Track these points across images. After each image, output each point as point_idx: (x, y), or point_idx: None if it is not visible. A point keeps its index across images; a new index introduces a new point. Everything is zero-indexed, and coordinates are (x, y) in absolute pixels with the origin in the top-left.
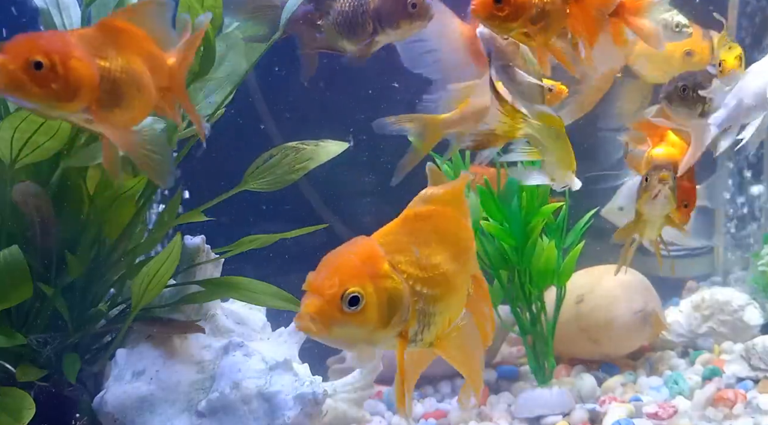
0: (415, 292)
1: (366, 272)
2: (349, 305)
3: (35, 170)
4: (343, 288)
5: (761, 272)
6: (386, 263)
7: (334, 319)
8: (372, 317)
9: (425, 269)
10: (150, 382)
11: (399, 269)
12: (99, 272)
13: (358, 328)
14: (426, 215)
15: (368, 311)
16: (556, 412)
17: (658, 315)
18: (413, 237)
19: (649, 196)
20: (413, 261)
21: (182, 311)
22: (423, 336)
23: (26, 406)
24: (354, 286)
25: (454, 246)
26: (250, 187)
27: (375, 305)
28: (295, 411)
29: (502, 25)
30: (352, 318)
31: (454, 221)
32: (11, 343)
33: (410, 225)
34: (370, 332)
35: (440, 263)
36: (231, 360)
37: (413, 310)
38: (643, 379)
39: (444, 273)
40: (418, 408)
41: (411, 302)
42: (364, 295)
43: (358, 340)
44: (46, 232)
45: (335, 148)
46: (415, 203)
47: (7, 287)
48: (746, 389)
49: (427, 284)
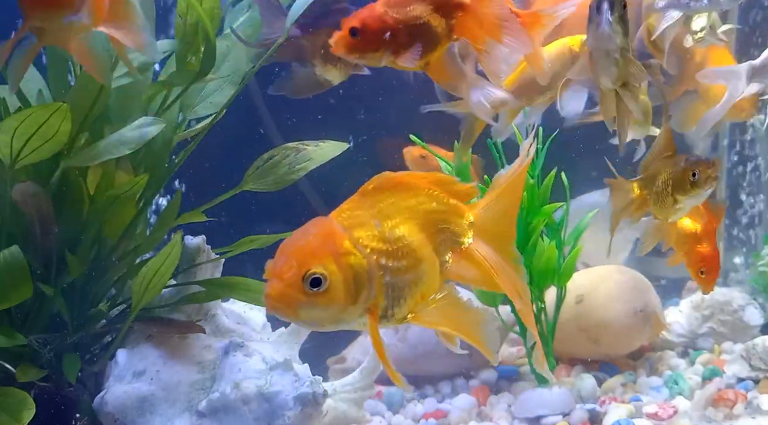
0: (380, 266)
1: (326, 251)
2: (312, 286)
3: (35, 170)
4: (304, 269)
5: (761, 272)
6: (346, 239)
7: (299, 301)
8: (338, 295)
9: (389, 241)
10: (150, 382)
11: (361, 245)
12: (99, 272)
13: (326, 308)
14: (386, 187)
15: (333, 289)
16: (556, 412)
17: (658, 315)
18: (373, 210)
19: (697, 190)
20: (375, 235)
21: (183, 312)
22: (394, 311)
23: (26, 406)
24: (315, 266)
25: (420, 216)
26: (250, 187)
27: (340, 283)
28: (296, 411)
29: (365, 56)
30: (318, 298)
31: (420, 190)
32: (11, 343)
33: (369, 199)
34: (339, 310)
35: (405, 235)
36: (231, 360)
37: (380, 285)
38: (643, 379)
39: (409, 245)
40: (418, 408)
41: (377, 276)
42: (327, 274)
43: (328, 320)
44: (46, 232)
45: (335, 148)
46: (375, 178)
47: (7, 287)
48: (746, 389)
49: (392, 257)
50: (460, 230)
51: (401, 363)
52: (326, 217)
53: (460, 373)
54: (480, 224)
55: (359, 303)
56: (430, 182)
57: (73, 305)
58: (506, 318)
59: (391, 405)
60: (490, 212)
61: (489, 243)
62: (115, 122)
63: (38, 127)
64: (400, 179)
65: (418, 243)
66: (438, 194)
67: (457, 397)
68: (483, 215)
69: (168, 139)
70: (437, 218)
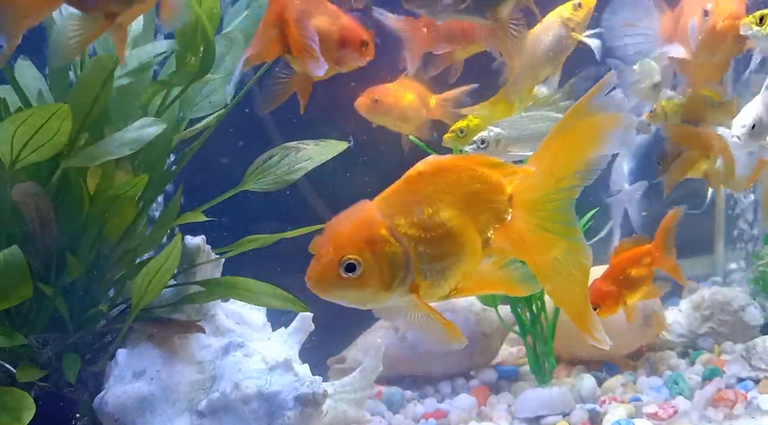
0: (418, 253)
1: (363, 238)
2: (347, 271)
3: (35, 170)
4: (340, 255)
5: (761, 272)
6: (384, 228)
7: (334, 283)
8: (371, 281)
9: (428, 229)
10: (150, 382)
11: (399, 232)
12: (99, 273)
13: (359, 292)
14: (429, 173)
15: (366, 276)
16: (556, 412)
17: (658, 315)
18: (416, 197)
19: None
20: (414, 222)
21: (182, 312)
22: (434, 291)
23: (26, 406)
24: (350, 253)
25: (463, 199)
26: (250, 187)
27: (374, 271)
28: (295, 411)
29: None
30: (351, 283)
31: (462, 171)
32: (11, 343)
33: (413, 185)
34: (372, 294)
35: (446, 221)
36: (231, 360)
37: (418, 269)
38: (643, 379)
39: (450, 230)
40: (418, 408)
41: (414, 263)
42: (361, 262)
43: (361, 302)
44: (46, 232)
45: (335, 148)
46: (420, 164)
47: (7, 287)
48: (746, 389)
49: (431, 244)
50: (501, 206)
51: (401, 363)
52: (369, 201)
53: (460, 373)
54: (519, 197)
55: (393, 288)
56: (474, 162)
57: (73, 305)
58: (506, 318)
59: (391, 405)
60: (529, 183)
61: (529, 216)
62: (115, 122)
63: (38, 127)
64: (442, 163)
65: (460, 227)
66: (480, 173)
67: (457, 397)
68: (521, 187)
69: (168, 139)
70: (479, 199)
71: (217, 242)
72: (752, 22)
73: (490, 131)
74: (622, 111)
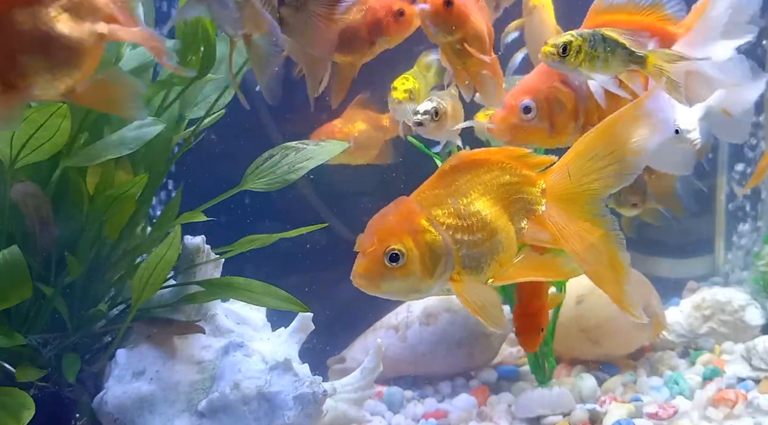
0: (456, 240)
1: (404, 229)
2: (391, 261)
3: (35, 170)
4: (384, 246)
5: (762, 272)
6: (423, 218)
7: (381, 274)
8: (415, 269)
9: (464, 217)
10: (150, 382)
11: (437, 222)
12: (99, 272)
13: (404, 280)
14: (462, 167)
15: (411, 264)
16: (556, 412)
17: (659, 315)
18: (450, 189)
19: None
20: (450, 212)
21: (182, 312)
22: (476, 277)
23: (26, 406)
24: (394, 243)
25: (494, 190)
26: (250, 187)
27: (417, 258)
28: (295, 411)
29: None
30: (397, 272)
31: (494, 164)
32: (11, 343)
33: (446, 178)
34: (417, 282)
35: (480, 210)
36: (231, 360)
37: (458, 257)
38: (644, 379)
39: (484, 218)
40: (418, 407)
41: (454, 250)
42: (404, 251)
43: (408, 291)
44: (46, 232)
45: (335, 147)
46: (452, 158)
47: (7, 287)
48: (747, 389)
49: (468, 232)
50: (534, 198)
51: (401, 363)
52: (407, 197)
53: (460, 373)
54: (552, 190)
55: (436, 276)
56: (504, 156)
57: (72, 305)
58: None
59: (391, 405)
60: (561, 177)
61: (563, 207)
62: (114, 121)
63: (38, 127)
64: (474, 157)
65: (493, 216)
66: (511, 166)
67: (457, 397)
68: (555, 180)
69: (167, 139)
70: (511, 190)
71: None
72: (554, 53)
73: (437, 102)
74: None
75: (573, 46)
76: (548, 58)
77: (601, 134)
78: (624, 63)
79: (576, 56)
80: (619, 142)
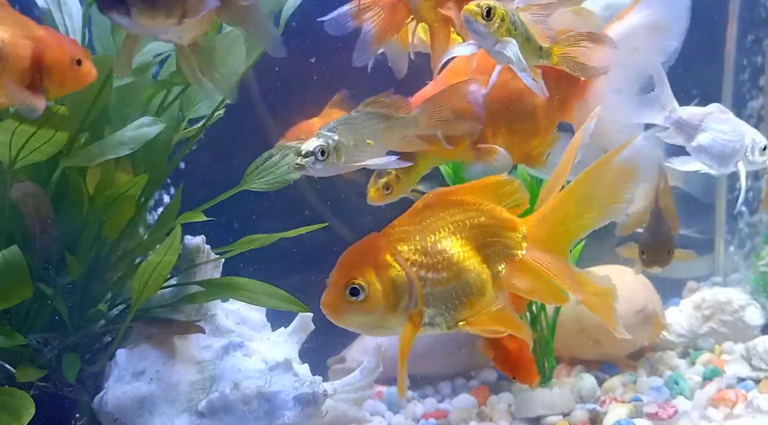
0: (420, 277)
1: (368, 263)
2: (352, 295)
3: (35, 170)
4: (346, 280)
5: (762, 272)
6: (389, 253)
7: (343, 308)
8: (377, 304)
9: (430, 254)
10: (150, 382)
11: (401, 258)
12: (99, 272)
13: (366, 315)
14: (435, 205)
15: (372, 298)
16: (556, 412)
17: (659, 315)
18: (420, 226)
19: None
20: (417, 249)
21: (182, 312)
22: (442, 319)
23: (26, 406)
24: (356, 277)
25: (467, 230)
26: (249, 187)
27: (379, 293)
28: (295, 411)
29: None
30: (358, 306)
31: (469, 205)
32: (11, 343)
33: (419, 215)
34: (379, 318)
35: (447, 248)
36: (231, 360)
37: (421, 294)
38: (644, 379)
39: (451, 257)
40: (418, 408)
41: (418, 287)
42: (366, 285)
43: (370, 326)
44: (46, 232)
45: None
46: (428, 194)
47: (7, 287)
48: (747, 389)
49: (433, 269)
50: (513, 242)
51: None
52: (379, 233)
53: (460, 373)
54: (535, 236)
55: (399, 312)
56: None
57: (72, 305)
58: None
59: (391, 405)
60: (545, 224)
61: (546, 250)
62: (115, 122)
63: (38, 128)
64: (449, 196)
65: (462, 256)
66: (489, 208)
67: (457, 397)
68: (538, 226)
69: (167, 139)
70: (487, 232)
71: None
72: (477, 13)
73: (326, 138)
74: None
75: (497, 12)
76: (472, 16)
77: (585, 182)
78: (535, 54)
79: (500, 25)
80: (602, 191)
